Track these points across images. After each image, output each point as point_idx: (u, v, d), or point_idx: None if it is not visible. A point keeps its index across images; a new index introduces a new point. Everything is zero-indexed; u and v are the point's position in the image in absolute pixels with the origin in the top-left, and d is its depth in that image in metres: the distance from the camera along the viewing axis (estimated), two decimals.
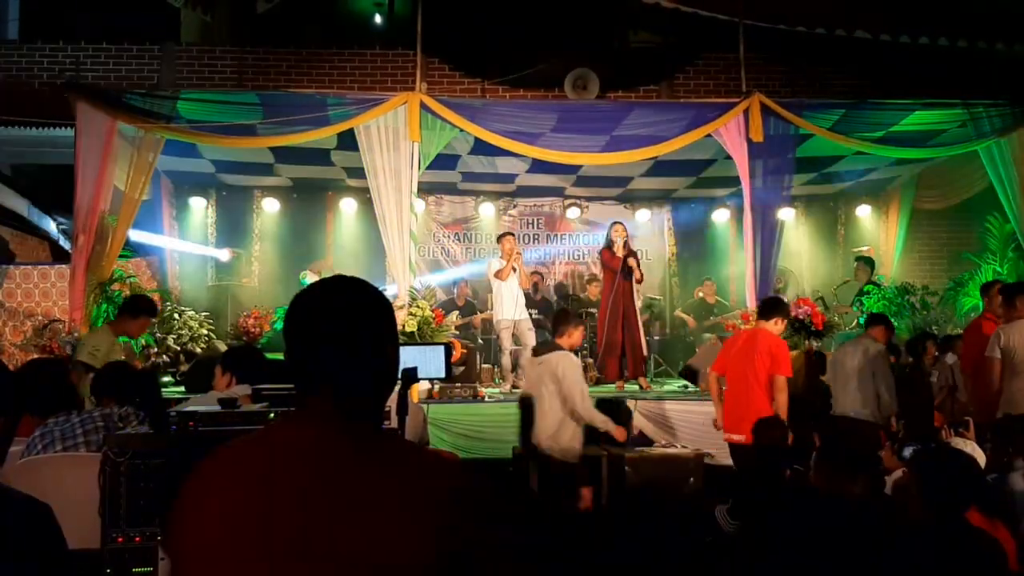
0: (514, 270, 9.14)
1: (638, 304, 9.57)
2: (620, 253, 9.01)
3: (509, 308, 9.19)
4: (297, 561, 1.35)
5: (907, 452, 4.72)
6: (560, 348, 5.92)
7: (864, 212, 12.34)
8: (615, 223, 9.42)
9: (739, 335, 6.89)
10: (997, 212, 9.40)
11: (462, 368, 9.28)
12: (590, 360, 10.24)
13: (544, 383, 5.79)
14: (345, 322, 1.54)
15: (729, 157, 8.93)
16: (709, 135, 8.77)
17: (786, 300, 8.06)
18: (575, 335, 5.98)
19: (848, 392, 7.07)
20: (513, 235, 9.67)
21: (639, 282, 9.25)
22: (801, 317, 8.49)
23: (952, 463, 3.32)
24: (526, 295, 9.65)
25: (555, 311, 7.50)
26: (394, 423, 2.63)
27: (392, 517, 1.38)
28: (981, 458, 4.01)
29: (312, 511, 1.37)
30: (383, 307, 1.60)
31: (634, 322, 9.16)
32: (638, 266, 9.19)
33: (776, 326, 6.38)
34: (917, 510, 3.18)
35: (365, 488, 1.40)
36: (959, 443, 4.06)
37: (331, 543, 1.35)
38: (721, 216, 12.88)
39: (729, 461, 6.57)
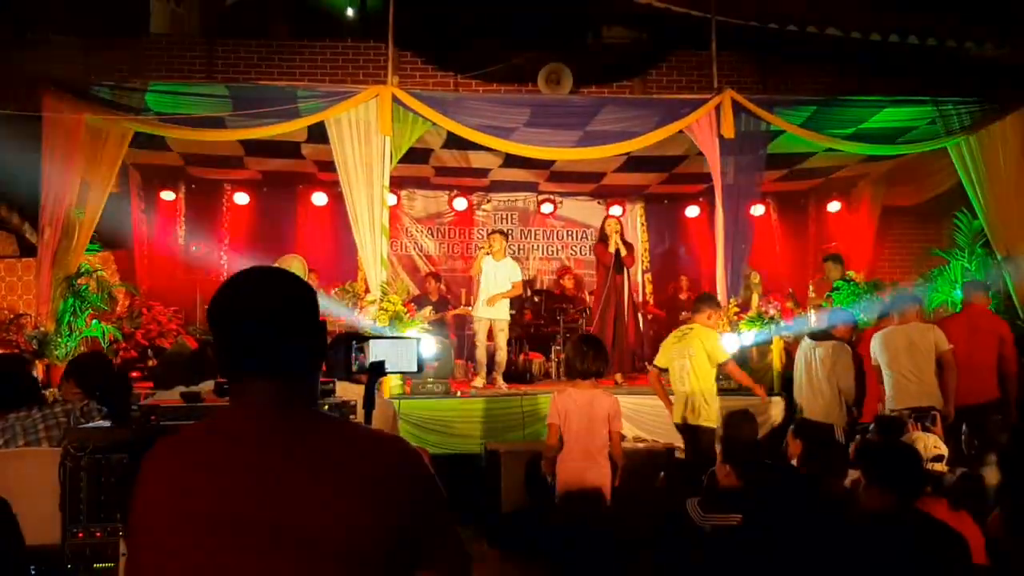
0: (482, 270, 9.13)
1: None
2: (613, 248, 9.01)
3: (483, 306, 9.17)
4: (241, 543, 1.38)
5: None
6: (834, 339, 6.99)
7: (834, 208, 12.44)
8: (608, 217, 9.39)
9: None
10: (966, 208, 9.50)
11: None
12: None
13: (823, 364, 6.85)
14: (257, 307, 1.55)
15: (701, 153, 8.97)
16: (681, 131, 8.81)
17: (756, 297, 8.20)
18: (841, 329, 7.10)
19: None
20: (502, 233, 9.55)
21: (630, 267, 9.25)
22: (771, 313, 8.55)
23: (892, 453, 3.37)
24: None
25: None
26: (360, 417, 2.60)
27: (329, 496, 1.40)
28: (944, 451, 4.04)
29: (253, 494, 1.40)
30: (299, 290, 1.61)
31: (626, 317, 9.16)
32: (630, 252, 9.25)
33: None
34: (872, 503, 3.23)
35: (302, 468, 1.42)
36: (921, 437, 4.08)
37: (273, 524, 1.38)
38: (693, 212, 12.93)
39: None
